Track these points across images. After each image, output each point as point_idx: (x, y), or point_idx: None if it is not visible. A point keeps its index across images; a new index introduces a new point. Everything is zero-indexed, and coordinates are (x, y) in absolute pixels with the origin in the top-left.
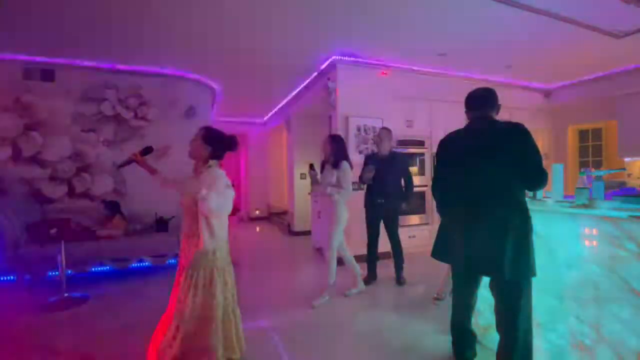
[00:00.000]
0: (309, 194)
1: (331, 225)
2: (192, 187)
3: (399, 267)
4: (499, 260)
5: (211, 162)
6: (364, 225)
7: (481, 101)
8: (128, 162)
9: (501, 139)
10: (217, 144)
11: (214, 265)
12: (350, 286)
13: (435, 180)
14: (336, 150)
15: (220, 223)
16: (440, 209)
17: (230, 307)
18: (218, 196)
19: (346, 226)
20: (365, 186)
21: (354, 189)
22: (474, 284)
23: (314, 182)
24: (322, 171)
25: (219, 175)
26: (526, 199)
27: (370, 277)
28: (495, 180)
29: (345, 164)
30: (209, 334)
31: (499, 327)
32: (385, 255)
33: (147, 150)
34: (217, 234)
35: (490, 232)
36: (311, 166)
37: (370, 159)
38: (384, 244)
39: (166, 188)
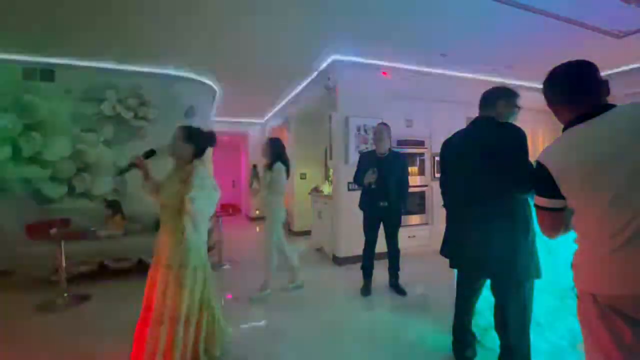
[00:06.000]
0: (309, 193)
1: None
2: (178, 188)
3: (395, 274)
4: (500, 262)
5: (196, 161)
6: (360, 226)
7: (484, 102)
8: (129, 167)
9: (496, 141)
10: (199, 141)
11: (199, 262)
12: (292, 281)
13: (441, 182)
14: (271, 153)
15: (204, 221)
16: (447, 208)
17: (206, 304)
18: (206, 198)
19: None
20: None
21: (350, 189)
22: (477, 285)
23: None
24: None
25: (205, 176)
26: (529, 198)
27: (366, 290)
28: (493, 182)
29: (277, 166)
30: (190, 333)
31: (498, 328)
32: (379, 256)
33: (150, 153)
34: (201, 231)
35: (490, 233)
36: (254, 167)
37: (367, 158)
38: (378, 246)
39: (151, 197)
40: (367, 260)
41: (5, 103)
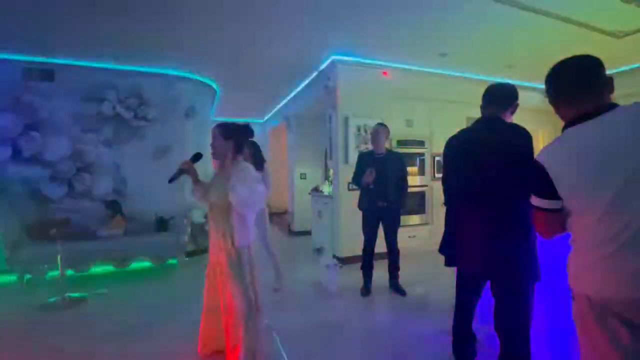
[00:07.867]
0: (309, 193)
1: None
2: (224, 186)
3: (394, 275)
4: (501, 263)
5: (239, 157)
6: (358, 227)
7: (488, 99)
8: (179, 173)
9: (505, 141)
10: (237, 135)
11: (251, 261)
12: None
13: (443, 180)
14: (255, 153)
15: (251, 219)
16: (448, 207)
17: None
18: (249, 190)
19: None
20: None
21: (350, 189)
22: (478, 286)
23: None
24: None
25: (248, 169)
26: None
27: (366, 290)
28: (497, 182)
29: (267, 165)
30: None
31: (498, 329)
32: (379, 256)
33: (197, 157)
34: (248, 226)
35: (492, 234)
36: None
37: (366, 159)
38: (378, 246)
39: (201, 201)
40: (366, 261)
41: (5, 103)
